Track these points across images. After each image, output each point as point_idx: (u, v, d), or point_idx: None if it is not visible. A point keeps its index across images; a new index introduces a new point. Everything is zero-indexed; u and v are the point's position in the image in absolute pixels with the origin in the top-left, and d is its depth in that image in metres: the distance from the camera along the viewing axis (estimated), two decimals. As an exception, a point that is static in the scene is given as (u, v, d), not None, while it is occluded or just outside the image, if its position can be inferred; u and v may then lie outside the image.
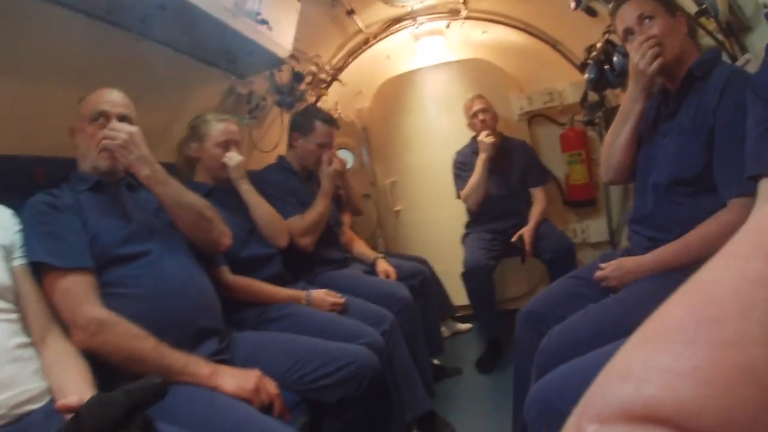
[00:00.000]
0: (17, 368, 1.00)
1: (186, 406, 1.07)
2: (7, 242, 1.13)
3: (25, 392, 0.99)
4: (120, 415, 0.78)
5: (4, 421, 0.94)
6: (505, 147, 2.90)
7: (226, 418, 1.07)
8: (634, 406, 0.20)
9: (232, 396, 1.16)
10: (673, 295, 0.23)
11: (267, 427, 1.07)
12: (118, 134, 1.33)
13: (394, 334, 1.83)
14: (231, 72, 2.34)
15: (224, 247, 1.55)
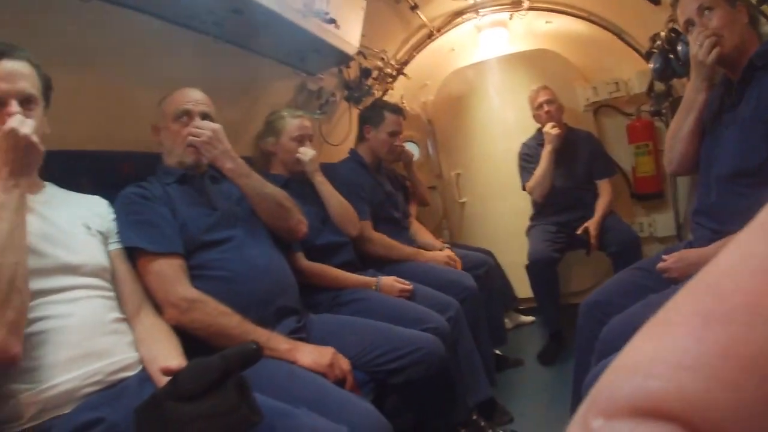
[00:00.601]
0: (114, 339, 1.10)
1: (267, 377, 1.16)
2: (104, 229, 1.25)
3: (121, 361, 1.08)
4: (216, 376, 0.85)
5: (102, 386, 1.02)
6: (570, 138, 2.85)
7: (304, 388, 1.16)
8: (641, 401, 0.19)
9: (309, 370, 1.25)
10: (681, 289, 0.22)
11: (340, 396, 1.16)
12: (203, 131, 1.45)
13: (459, 322, 1.87)
14: (302, 70, 2.45)
15: (301, 235, 1.65)
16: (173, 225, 1.36)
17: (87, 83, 1.58)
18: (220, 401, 0.84)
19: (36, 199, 1.15)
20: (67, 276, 1.07)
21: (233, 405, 0.84)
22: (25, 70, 1.10)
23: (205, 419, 0.83)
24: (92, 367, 1.02)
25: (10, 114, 1.04)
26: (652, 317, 0.22)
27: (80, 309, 1.06)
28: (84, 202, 1.28)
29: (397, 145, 2.50)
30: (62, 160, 1.43)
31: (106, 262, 1.20)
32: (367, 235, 2.22)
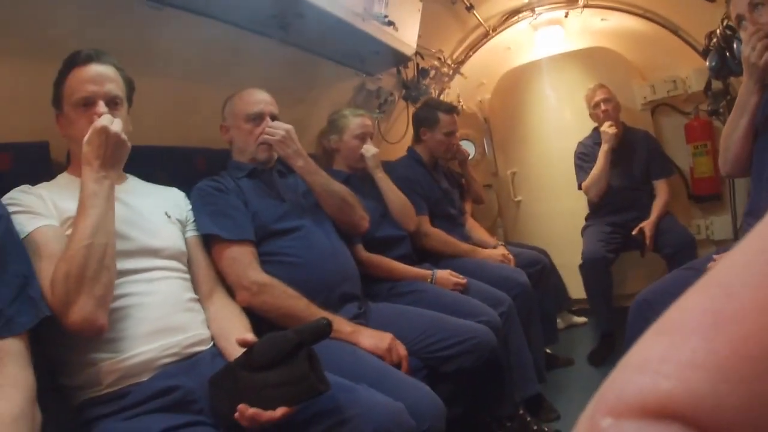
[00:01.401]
0: (190, 317, 1.19)
1: (331, 356, 1.22)
2: (182, 217, 1.35)
3: (195, 336, 1.16)
4: (289, 348, 0.93)
5: (178, 358, 1.10)
6: (627, 138, 2.81)
7: (365, 367, 1.24)
8: (650, 400, 0.19)
9: (369, 352, 1.33)
10: (691, 288, 0.22)
11: (398, 377, 1.24)
12: (277, 131, 1.57)
13: (511, 317, 1.91)
14: (361, 70, 2.55)
15: (363, 229, 1.76)
16: (246, 215, 1.47)
17: (162, 85, 1.72)
18: (291, 371, 0.91)
19: (121, 188, 1.25)
20: (149, 258, 1.17)
21: (303, 374, 0.91)
22: (112, 74, 1.22)
23: (276, 387, 0.91)
24: (169, 340, 1.10)
25: (98, 114, 1.14)
26: (662, 316, 0.22)
27: (160, 288, 1.16)
28: (163, 193, 1.39)
29: (454, 143, 2.55)
30: (142, 154, 1.53)
31: (183, 247, 1.30)
32: (424, 230, 2.28)
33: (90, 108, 1.16)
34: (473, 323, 1.61)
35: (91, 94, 1.17)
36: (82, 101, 1.17)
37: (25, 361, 0.88)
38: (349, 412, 0.98)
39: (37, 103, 1.32)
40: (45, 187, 1.17)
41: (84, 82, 1.17)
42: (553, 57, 3.40)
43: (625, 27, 3.16)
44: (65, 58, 1.22)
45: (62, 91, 1.21)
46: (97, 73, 1.19)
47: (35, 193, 1.12)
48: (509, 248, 2.52)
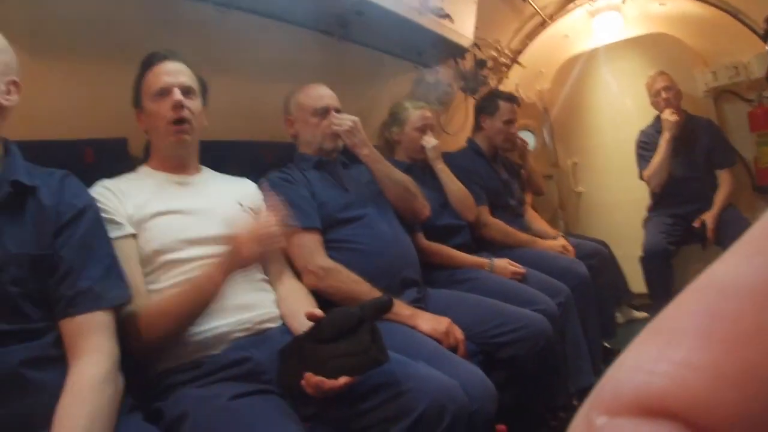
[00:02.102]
0: (262, 296, 1.27)
1: (391, 336, 1.27)
2: (254, 206, 1.42)
3: (267, 313, 1.23)
4: (353, 322, 0.98)
5: (250, 333, 1.18)
6: (689, 126, 2.72)
7: (423, 348, 1.30)
8: (645, 398, 0.19)
9: (426, 334, 1.39)
10: (687, 287, 0.22)
11: (454, 359, 1.30)
12: (345, 122, 1.66)
13: (568, 308, 1.91)
14: (419, 63, 2.60)
15: (424, 217, 1.81)
16: (312, 204, 1.57)
17: (230, 84, 1.82)
18: (354, 343, 0.97)
19: (196, 179, 1.37)
20: (221, 244, 1.20)
21: (365, 346, 0.96)
22: (184, 68, 1.33)
23: (340, 358, 0.97)
24: (242, 316, 1.18)
25: (174, 100, 1.25)
26: (657, 315, 0.22)
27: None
28: (235, 184, 1.47)
29: (513, 133, 2.56)
30: (215, 148, 1.64)
31: None
32: (484, 220, 2.31)
33: (166, 97, 1.27)
34: (529, 311, 1.63)
35: (167, 84, 1.28)
36: (159, 91, 1.28)
37: (111, 333, 0.96)
38: (406, 385, 1.03)
39: (115, 102, 1.43)
40: (125, 180, 1.27)
41: (160, 75, 1.29)
42: (612, 44, 3.32)
43: (683, 11, 3.03)
44: (142, 60, 1.34)
45: (141, 89, 1.32)
46: (171, 67, 1.31)
47: (114, 190, 1.21)
48: (569, 239, 2.50)
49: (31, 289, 0.92)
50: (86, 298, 0.94)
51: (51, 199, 0.99)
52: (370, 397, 1.03)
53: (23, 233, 0.94)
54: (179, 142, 1.30)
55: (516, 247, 2.31)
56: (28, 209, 0.97)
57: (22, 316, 0.90)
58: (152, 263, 1.18)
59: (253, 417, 0.92)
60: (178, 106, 1.26)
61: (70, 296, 0.94)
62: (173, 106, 1.26)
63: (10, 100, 0.99)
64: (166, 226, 1.21)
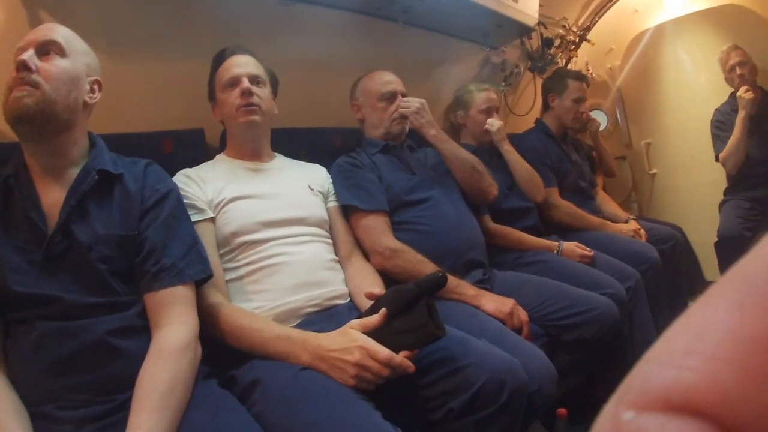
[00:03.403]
0: (331, 274, 1.33)
1: (455, 315, 1.35)
2: (324, 190, 1.51)
3: (335, 290, 1.29)
4: (410, 298, 1.00)
5: (320, 308, 1.24)
6: (766, 104, 2.53)
7: (485, 326, 1.32)
8: (674, 393, 0.18)
9: (490, 315, 1.41)
10: (717, 281, 0.21)
11: (516, 339, 1.31)
12: (413, 104, 1.70)
13: (638, 292, 1.87)
14: (485, 44, 2.57)
15: (492, 197, 1.82)
16: (379, 187, 1.61)
17: (300, 74, 1.90)
18: (412, 319, 1.00)
19: (270, 165, 1.47)
20: (295, 226, 1.33)
21: (422, 322, 0.98)
22: (251, 60, 1.43)
23: (399, 334, 1.00)
24: (313, 293, 1.25)
25: (242, 88, 1.35)
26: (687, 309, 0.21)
27: (306, 249, 1.32)
28: (307, 169, 1.56)
29: (583, 112, 2.49)
30: (287, 135, 1.76)
31: (325, 216, 1.45)
32: (553, 201, 2.29)
33: (235, 86, 1.37)
34: (596, 295, 1.61)
35: (236, 75, 1.38)
36: (230, 81, 1.38)
37: (192, 305, 1.03)
38: (466, 360, 1.05)
39: (192, 95, 1.56)
40: (204, 168, 1.38)
41: (230, 68, 1.40)
42: (683, 17, 3.11)
43: (758, -19, 2.79)
44: (214, 56, 1.46)
45: (214, 83, 1.44)
46: (239, 60, 1.42)
47: (194, 177, 1.31)
48: (641, 223, 2.42)
49: (118, 266, 1.00)
50: (169, 274, 1.02)
51: (135, 185, 1.08)
52: (431, 372, 1.05)
53: (111, 216, 1.03)
54: (248, 124, 1.38)
55: (586, 230, 2.26)
56: (116, 195, 1.06)
57: (110, 290, 0.98)
58: (230, 244, 1.26)
59: (321, 387, 0.97)
60: (247, 92, 1.36)
61: (155, 272, 1.01)
62: (242, 93, 1.36)
63: (94, 98, 1.10)
64: (242, 209, 1.29)
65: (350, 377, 0.97)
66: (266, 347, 1.07)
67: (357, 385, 0.97)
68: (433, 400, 1.05)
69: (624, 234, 2.28)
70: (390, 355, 0.97)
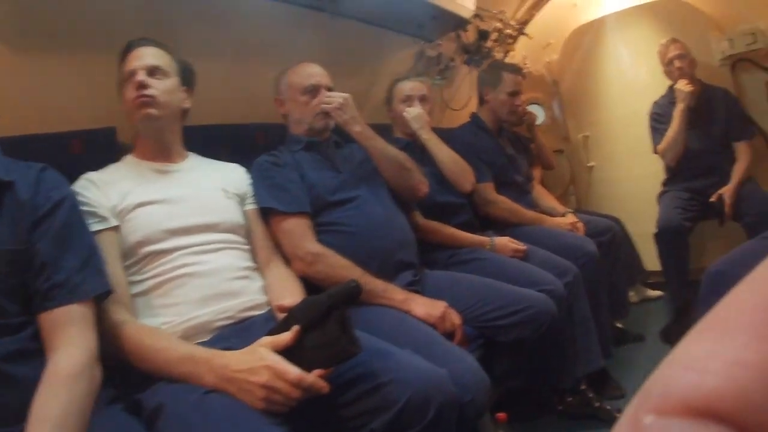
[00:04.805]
0: (245, 283, 1.24)
1: (381, 322, 1.27)
2: (240, 191, 1.41)
3: (250, 301, 1.21)
4: (322, 312, 0.93)
5: (233, 321, 1.17)
6: (705, 97, 2.58)
7: (413, 334, 1.24)
8: (695, 399, 0.18)
9: (421, 320, 1.33)
10: (740, 283, 0.21)
11: (448, 347, 1.23)
12: (335, 99, 1.60)
13: (576, 287, 1.84)
14: (419, 37, 2.51)
15: (422, 194, 1.74)
16: (301, 188, 1.51)
17: (220, 66, 1.80)
18: (323, 334, 0.93)
19: (181, 167, 1.36)
20: (205, 233, 1.25)
21: (334, 337, 0.92)
22: (153, 51, 1.33)
23: (311, 350, 0.93)
24: (224, 305, 1.17)
25: (136, 81, 1.26)
26: (711, 310, 0.21)
27: (217, 258, 1.23)
28: (222, 169, 1.46)
29: (518, 105, 2.45)
30: (204, 133, 1.66)
31: (240, 220, 1.36)
32: (488, 197, 2.23)
33: (131, 78, 1.29)
34: (533, 292, 1.56)
35: (133, 68, 1.30)
36: (127, 75, 1.30)
37: (89, 325, 0.95)
38: (387, 376, 0.98)
39: (104, 91, 1.43)
40: (110, 171, 1.28)
41: (129, 61, 1.32)
42: (623, 11, 3.15)
43: (698, -25, 2.87)
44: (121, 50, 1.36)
45: (121, 77, 1.35)
46: (140, 51, 1.33)
47: (98, 182, 1.22)
48: (579, 216, 2.41)
49: (7, 284, 0.92)
50: (62, 291, 0.93)
51: (27, 192, 0.98)
52: (349, 390, 0.99)
53: (0, 229, 0.94)
54: (144, 118, 1.29)
55: (523, 225, 2.23)
56: (5, 205, 0.96)
57: (1, 311, 0.90)
58: (135, 255, 1.18)
59: (227, 412, 0.89)
60: (140, 85, 1.27)
61: (47, 289, 0.93)
62: (136, 86, 1.28)
63: None
64: (147, 216, 1.21)
65: (258, 400, 0.90)
66: (170, 369, 0.99)
67: (267, 408, 0.90)
68: (353, 421, 0.98)
69: (561, 228, 2.26)
70: (300, 376, 0.90)
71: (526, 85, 2.49)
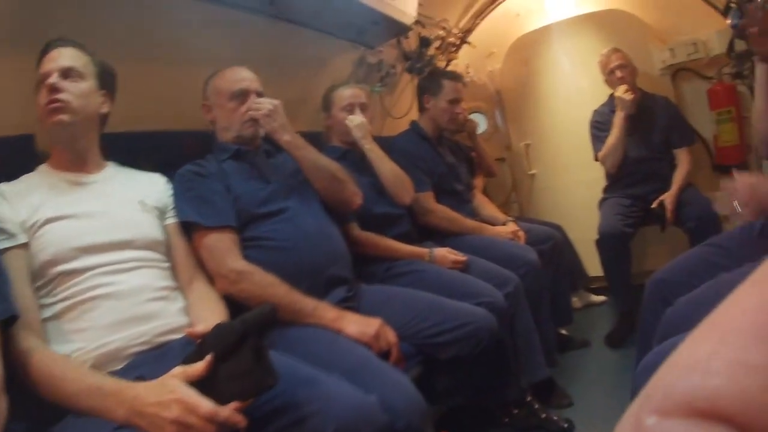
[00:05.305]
0: (162, 305, 1.16)
1: (310, 344, 1.20)
2: (160, 204, 1.32)
3: (168, 324, 1.13)
4: (235, 339, 0.87)
5: (147, 347, 1.09)
6: (645, 105, 2.63)
7: (343, 357, 1.17)
8: (697, 400, 0.19)
9: (354, 340, 1.26)
10: (743, 284, 0.21)
11: (381, 370, 1.16)
12: (264, 105, 1.52)
13: (518, 297, 1.81)
14: (360, 43, 2.46)
15: (355, 206, 1.67)
16: (227, 200, 1.41)
17: (149, 69, 1.69)
18: (237, 364, 0.87)
19: (96, 177, 1.26)
20: (119, 251, 1.16)
21: (248, 368, 0.86)
22: (69, 52, 1.24)
23: (225, 381, 0.86)
24: (139, 329, 1.09)
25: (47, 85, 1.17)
26: (713, 310, 0.21)
27: (130, 278, 1.14)
28: (142, 180, 1.36)
29: (459, 113, 2.43)
30: (128, 140, 1.55)
31: (159, 236, 1.27)
32: (427, 206, 2.19)
33: (46, 82, 1.19)
34: (472, 306, 1.52)
35: (47, 71, 1.20)
36: (41, 78, 1.21)
37: None
38: (310, 407, 0.92)
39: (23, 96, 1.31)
40: (21, 183, 1.19)
41: (44, 64, 1.23)
42: (565, 21, 3.21)
43: (640, -14, 2.96)
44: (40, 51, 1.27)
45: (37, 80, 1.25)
46: (55, 53, 1.23)
47: (9, 194, 1.13)
48: (520, 224, 2.41)
49: None
50: None
51: None
52: (270, 423, 0.92)
53: None
54: (55, 125, 1.19)
55: (463, 235, 2.19)
56: None
57: None
58: (45, 275, 1.09)
59: None
60: (51, 89, 1.18)
61: None
62: (48, 90, 1.18)
63: None
64: (57, 233, 1.12)
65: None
66: (79, 402, 0.92)
67: None
68: None
69: (502, 236, 2.24)
70: (213, 410, 0.83)
71: (468, 93, 2.48)
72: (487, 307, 1.55)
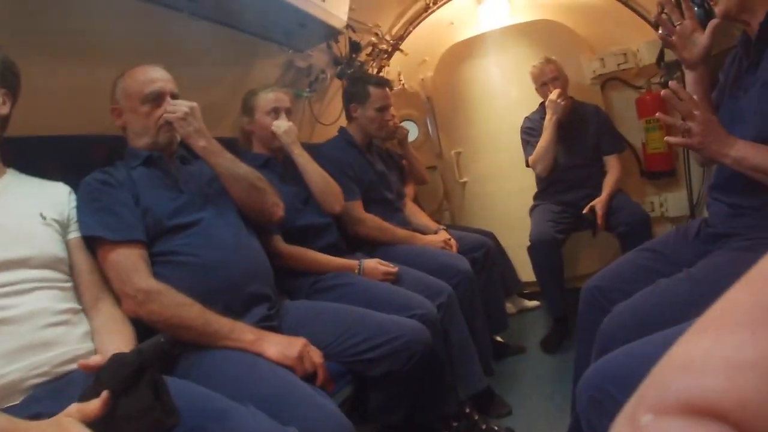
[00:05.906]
0: (63, 330, 1.06)
1: (226, 370, 1.09)
2: (62, 217, 1.20)
3: (69, 352, 1.03)
4: (130, 372, 0.81)
5: (47, 378, 0.99)
6: (576, 113, 2.70)
7: (262, 384, 1.07)
8: (693, 397, 0.19)
9: (276, 362, 1.16)
10: (737, 282, 0.21)
11: (304, 394, 1.06)
12: (180, 108, 1.39)
13: (451, 308, 1.77)
14: (288, 46, 2.35)
15: (276, 218, 1.57)
16: (134, 211, 1.29)
17: (58, 69, 1.53)
18: (135, 400, 0.79)
19: None
20: (13, 270, 1.04)
21: (146, 406, 0.79)
22: None
23: (123, 420, 0.79)
24: (37, 358, 0.98)
25: None
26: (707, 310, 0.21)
27: (27, 301, 1.02)
28: (44, 189, 1.23)
29: (388, 120, 2.37)
30: (32, 145, 1.40)
31: (60, 253, 1.15)
32: (356, 215, 2.11)
33: None
34: (404, 319, 1.46)
35: None
36: None
37: None
38: None
39: None
40: None
41: None
42: (498, 31, 3.25)
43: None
44: None
45: None
46: None
47: None
48: (452, 232, 2.39)
49: None
50: None
51: None
52: None
53: None
54: None
55: (394, 245, 2.14)
56: None
57: None
58: None
59: None
60: None
61: None
62: None
63: None
64: None
65: None
66: None
67: None
68: None
69: (434, 246, 2.21)
70: None
71: (400, 101, 2.44)
72: (420, 319, 1.50)
